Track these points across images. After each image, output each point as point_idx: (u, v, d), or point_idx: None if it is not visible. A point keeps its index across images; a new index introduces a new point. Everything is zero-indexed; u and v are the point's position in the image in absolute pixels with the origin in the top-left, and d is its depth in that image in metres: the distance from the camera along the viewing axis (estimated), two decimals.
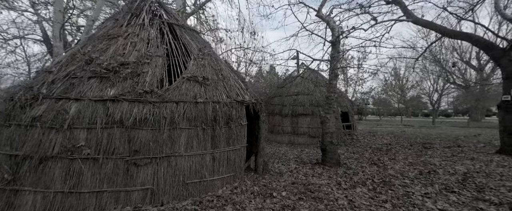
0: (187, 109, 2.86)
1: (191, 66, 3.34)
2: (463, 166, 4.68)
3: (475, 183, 3.59)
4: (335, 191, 3.17)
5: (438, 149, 6.95)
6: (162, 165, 2.68)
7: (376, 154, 6.19)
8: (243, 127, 3.45)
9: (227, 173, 3.26)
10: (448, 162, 5.04)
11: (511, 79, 5.67)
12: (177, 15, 4.17)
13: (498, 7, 6.26)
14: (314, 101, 8.58)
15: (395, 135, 10.49)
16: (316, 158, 5.17)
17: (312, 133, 8.29)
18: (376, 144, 8.02)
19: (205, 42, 4.23)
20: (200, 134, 2.95)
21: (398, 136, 9.94)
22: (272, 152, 6.53)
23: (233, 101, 3.32)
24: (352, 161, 5.22)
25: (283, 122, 9.05)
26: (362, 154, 6.18)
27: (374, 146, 7.53)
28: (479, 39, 6.29)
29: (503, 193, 3.12)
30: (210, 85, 3.25)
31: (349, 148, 7.28)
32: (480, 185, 3.49)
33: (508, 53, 5.67)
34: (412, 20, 6.82)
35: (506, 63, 5.77)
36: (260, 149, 4.01)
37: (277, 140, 9.09)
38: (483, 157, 5.43)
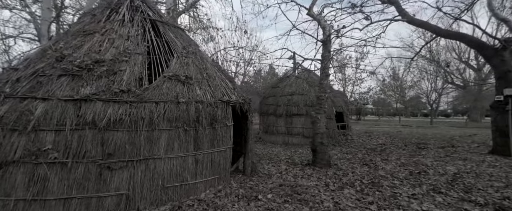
0: (167, 109, 2.79)
1: (173, 65, 3.28)
2: (454, 166, 4.74)
3: (463, 183, 3.63)
4: (322, 193, 3.17)
5: (432, 149, 7.02)
6: (139, 169, 2.61)
7: (370, 154, 6.22)
8: (228, 127, 3.41)
9: (211, 176, 3.22)
10: (440, 163, 5.09)
11: (504, 79, 5.74)
12: (161, 11, 4.07)
13: (491, 7, 6.34)
14: (309, 101, 8.60)
15: (391, 135, 10.57)
16: (308, 159, 5.18)
17: (306, 133, 8.31)
18: (371, 145, 8.07)
19: (190, 40, 4.17)
20: (182, 136, 2.89)
21: (393, 136, 10.02)
22: (265, 153, 6.53)
23: (218, 101, 3.27)
24: (344, 162, 5.25)
25: (277, 122, 9.06)
26: (355, 154, 6.21)
27: (369, 147, 7.58)
28: (472, 39, 6.38)
29: (490, 194, 3.16)
30: (193, 84, 3.19)
31: (343, 148, 7.32)
32: (468, 185, 3.53)
33: (500, 53, 5.75)
34: (406, 20, 6.89)
35: (498, 63, 5.85)
36: (248, 150, 4.00)
37: (271, 141, 9.10)
38: (476, 158, 5.50)
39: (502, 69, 5.79)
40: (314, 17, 5.25)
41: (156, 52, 3.37)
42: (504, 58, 5.75)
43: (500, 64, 5.82)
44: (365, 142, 8.59)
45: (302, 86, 9.13)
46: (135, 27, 3.42)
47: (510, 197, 3.00)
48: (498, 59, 5.84)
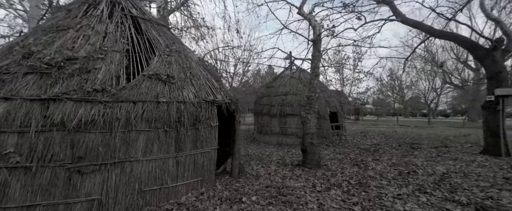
0: (146, 109, 2.73)
1: (154, 63, 3.22)
2: (444, 166, 4.81)
3: (450, 183, 3.69)
4: (308, 195, 3.19)
5: (425, 149, 7.11)
6: (114, 172, 2.54)
7: (362, 154, 6.28)
8: (213, 128, 3.38)
9: (193, 178, 3.18)
10: (431, 163, 5.16)
11: (495, 79, 5.83)
12: (146, 8, 4.01)
13: (484, 7, 6.44)
14: (303, 101, 8.64)
15: (386, 135, 10.67)
16: (298, 160, 5.21)
17: (300, 133, 8.27)
18: (365, 145, 8.14)
19: (175, 38, 4.12)
20: (162, 137, 2.85)
21: (388, 137, 10.12)
22: (258, 154, 6.55)
23: (201, 101, 3.24)
24: (335, 162, 5.29)
25: (271, 123, 9.10)
26: (347, 154, 6.27)
27: (362, 147, 7.65)
28: (464, 40, 6.47)
29: (474, 194, 3.22)
30: (175, 83, 3.14)
31: (336, 148, 7.37)
32: (454, 185, 3.60)
33: (492, 53, 5.85)
34: (400, 19, 6.98)
35: (489, 63, 5.94)
36: (236, 151, 3.99)
37: (265, 141, 9.13)
38: (467, 157, 5.58)
39: (494, 70, 5.89)
40: (305, 16, 5.28)
41: (136, 50, 3.30)
42: (495, 59, 5.85)
43: (491, 65, 5.92)
44: (359, 142, 8.66)
45: (296, 86, 9.17)
46: (114, 23, 3.34)
47: (493, 196, 3.06)
48: (489, 60, 5.93)
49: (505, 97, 5.66)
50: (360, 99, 30.91)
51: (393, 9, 7.15)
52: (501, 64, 5.94)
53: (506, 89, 5.61)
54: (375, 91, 28.71)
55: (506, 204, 2.81)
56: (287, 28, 5.46)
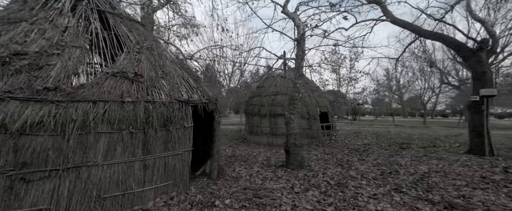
0: (109, 109, 2.62)
1: (121, 60, 3.11)
2: (427, 166, 4.93)
3: (428, 182, 3.80)
4: (284, 196, 3.21)
5: (413, 149, 7.28)
6: (67, 179, 2.38)
7: (350, 155, 6.39)
8: (187, 129, 3.32)
9: (164, 182, 3.11)
10: (415, 162, 5.29)
11: (480, 80, 6.00)
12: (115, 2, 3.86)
13: (469, 8, 6.61)
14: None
15: (378, 135, 10.84)
16: (282, 161, 5.28)
17: None
18: (355, 145, 8.27)
19: (149, 35, 4.01)
20: (126, 139, 2.73)
21: (381, 137, 10.28)
22: (245, 154, 6.59)
23: (174, 100, 3.16)
24: (320, 163, 5.37)
25: (261, 123, 9.15)
26: (334, 155, 6.36)
27: (352, 147, 7.76)
28: (450, 40, 6.65)
29: (448, 192, 3.33)
30: (144, 82, 3.04)
31: (326, 149, 7.47)
32: (431, 184, 3.71)
33: (477, 54, 6.01)
34: (390, 20, 7.14)
35: (474, 64, 6.12)
36: (215, 152, 3.96)
37: (255, 141, 9.18)
38: (451, 157, 5.73)
39: (479, 70, 6.06)
40: (289, 15, 5.35)
41: (102, 46, 3.18)
42: (480, 59, 6.02)
43: (476, 65, 6.09)
44: (350, 143, 8.79)
45: (286, 85, 9.24)
46: (77, 17, 3.20)
47: (465, 195, 3.18)
48: (475, 60, 6.11)
49: (489, 97, 5.83)
50: (357, 99, 31.31)
51: (383, 10, 7.32)
52: (486, 64, 6.12)
53: (490, 90, 5.78)
54: (371, 91, 29.05)
55: (475, 202, 2.92)
56: (270, 27, 5.52)
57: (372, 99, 33.71)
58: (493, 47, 6.15)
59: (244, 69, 19.77)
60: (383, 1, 7.19)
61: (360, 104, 32.99)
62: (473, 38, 6.69)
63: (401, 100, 27.84)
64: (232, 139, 10.23)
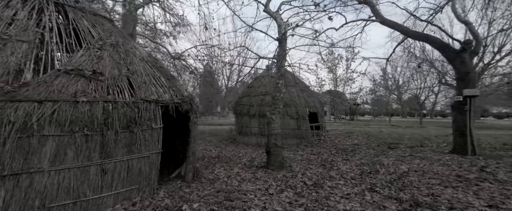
0: (58, 110, 2.46)
1: (78, 57, 2.98)
2: (408, 165, 5.08)
3: (404, 181, 3.94)
4: (257, 198, 3.27)
5: (400, 149, 7.45)
6: (2, 188, 2.19)
7: (336, 155, 6.53)
8: (155, 130, 3.28)
9: (127, 187, 3.01)
10: (398, 162, 5.43)
11: (463, 80, 6.18)
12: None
13: (454, 9, 6.81)
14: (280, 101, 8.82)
15: (370, 135, 10.99)
16: (264, 161, 5.37)
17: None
18: (345, 145, 8.42)
19: (116, 31, 3.90)
20: (80, 142, 2.61)
21: (372, 137, 10.44)
22: (230, 155, 6.66)
23: (139, 100, 3.08)
24: (303, 163, 5.48)
25: (250, 123, 9.24)
26: (320, 155, 6.49)
27: (341, 147, 7.90)
28: (434, 40, 6.83)
29: (420, 191, 3.49)
30: (105, 81, 2.94)
31: (314, 149, 7.59)
32: (407, 183, 3.85)
33: (460, 54, 6.19)
34: (379, 20, 7.33)
35: (458, 64, 6.30)
36: (190, 154, 3.98)
37: (245, 142, 9.26)
38: (435, 157, 5.90)
39: (463, 70, 6.25)
40: (271, 14, 5.46)
41: (56, 41, 3.01)
42: (464, 60, 6.20)
43: (460, 66, 6.28)
44: (340, 143, 8.93)
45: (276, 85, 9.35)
46: (28, 9, 3.00)
47: (435, 193, 3.32)
48: (458, 61, 6.29)
49: (472, 97, 6.01)
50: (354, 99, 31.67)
51: (373, 10, 7.52)
52: (470, 65, 6.31)
53: (473, 90, 5.97)
54: (368, 91, 29.39)
55: (442, 200, 3.06)
56: (252, 27, 5.61)
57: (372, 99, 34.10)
58: (476, 48, 6.34)
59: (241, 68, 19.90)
60: (373, 2, 7.37)
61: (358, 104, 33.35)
62: (456, 39, 6.88)
63: (400, 100, 28.23)
64: (222, 139, 10.31)
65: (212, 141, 9.70)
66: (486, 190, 3.38)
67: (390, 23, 7.39)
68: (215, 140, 10.07)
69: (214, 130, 14.30)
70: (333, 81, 29.97)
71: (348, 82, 28.93)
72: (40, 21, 3.07)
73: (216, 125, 18.90)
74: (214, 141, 9.67)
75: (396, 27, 7.49)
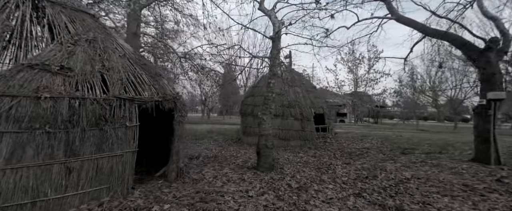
0: (15, 106, 2.44)
1: (47, 52, 2.98)
2: (414, 172, 4.84)
3: (399, 188, 3.79)
4: (233, 201, 3.26)
5: (415, 154, 7.01)
6: None
7: (339, 158, 6.39)
8: (130, 129, 3.26)
9: (95, 186, 2.98)
10: (404, 168, 5.18)
11: (488, 82, 5.66)
12: None
13: (481, 3, 6.27)
14: (286, 102, 8.80)
15: (386, 139, 10.43)
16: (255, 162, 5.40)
17: (282, 135, 8.53)
18: (353, 148, 8.13)
19: (99, 27, 3.94)
20: (41, 139, 2.58)
21: (387, 141, 9.91)
22: (228, 155, 6.76)
23: (111, 97, 3.05)
24: (298, 165, 5.43)
25: (254, 123, 9.29)
26: (321, 158, 6.37)
27: (348, 150, 7.64)
28: (455, 38, 6.36)
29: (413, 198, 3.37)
30: (75, 77, 2.92)
31: (317, 151, 7.45)
32: (401, 190, 3.71)
33: (485, 54, 5.67)
34: (395, 18, 7.04)
35: (483, 64, 5.80)
36: (174, 153, 4.05)
37: (248, 142, 9.36)
38: (450, 164, 5.52)
39: (488, 71, 5.72)
40: (265, 12, 5.50)
41: (26, 36, 3.04)
42: (489, 60, 5.70)
43: (485, 66, 5.75)
44: (348, 146, 8.63)
45: (281, 85, 9.32)
46: (2, 3, 3.08)
47: (427, 202, 3.16)
48: (483, 61, 5.78)
49: (497, 101, 5.47)
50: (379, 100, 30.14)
51: (388, 7, 7.27)
52: (496, 65, 5.75)
53: (498, 93, 5.46)
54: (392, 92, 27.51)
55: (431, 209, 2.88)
56: (245, 26, 5.68)
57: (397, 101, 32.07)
58: (505, 46, 5.74)
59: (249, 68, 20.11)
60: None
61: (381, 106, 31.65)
62: (481, 37, 6.29)
63: (436, 103, 26.14)
64: (228, 139, 10.46)
65: (218, 141, 9.91)
66: (490, 201, 3.10)
67: (406, 21, 7.02)
68: (221, 139, 10.27)
69: (223, 129, 14.57)
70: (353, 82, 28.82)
71: (370, 83, 27.58)
72: (11, 16, 3.10)
73: (229, 125, 19.20)
74: (220, 141, 9.88)
75: (413, 24, 7.07)
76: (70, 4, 3.77)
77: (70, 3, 3.80)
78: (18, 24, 3.11)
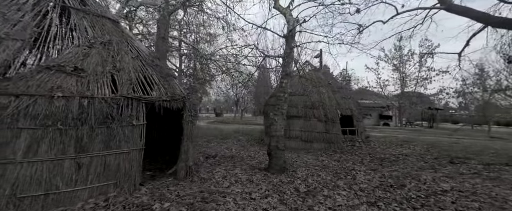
0: (32, 104, 2.71)
1: (65, 54, 3.31)
2: (457, 183, 4.17)
3: (427, 200, 3.31)
4: (233, 202, 3.27)
5: (469, 164, 5.95)
6: None
7: (367, 164, 5.85)
8: (136, 127, 3.47)
9: (103, 182, 3.19)
10: (444, 178, 4.53)
11: None
12: None
13: None
14: (309, 103, 8.48)
15: (433, 146, 9.09)
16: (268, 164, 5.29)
17: (305, 137, 8.23)
18: (387, 154, 7.31)
19: (118, 31, 4.30)
20: (54, 136, 2.83)
21: (434, 147, 8.64)
22: (246, 156, 6.75)
23: (119, 97, 3.27)
24: (315, 169, 5.16)
25: None
26: (344, 162, 5.96)
27: (381, 156, 6.94)
28: None
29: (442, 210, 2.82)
30: (87, 77, 3.19)
31: (342, 155, 6.96)
32: (430, 203, 3.26)
33: None
34: (445, 7, 6.23)
35: None
36: (183, 152, 4.23)
37: None
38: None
39: None
40: (280, 10, 5.43)
41: (49, 40, 3.40)
42: None
43: None
44: (383, 151, 7.81)
45: (305, 86, 9.03)
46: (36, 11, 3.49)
47: None
48: None
49: None
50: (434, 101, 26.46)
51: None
52: None
53: None
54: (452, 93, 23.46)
55: None
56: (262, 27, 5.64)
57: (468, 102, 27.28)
58: None
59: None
60: None
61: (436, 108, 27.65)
62: None
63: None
64: (252, 139, 10.53)
65: (242, 141, 10.03)
66: None
67: (459, 9, 6.06)
68: (245, 139, 10.39)
69: (250, 129, 14.77)
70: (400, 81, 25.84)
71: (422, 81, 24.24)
72: (40, 22, 3.50)
73: (258, 125, 19.37)
74: (243, 141, 9.98)
75: (468, 13, 6.02)
76: (93, 11, 4.23)
77: (93, 9, 4.28)
78: (44, 29, 3.50)
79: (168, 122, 6.05)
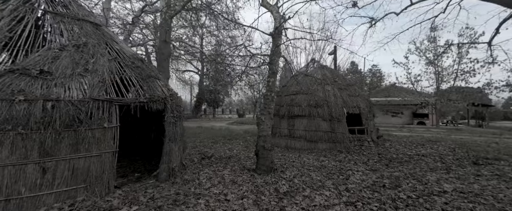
0: None
1: (33, 57, 3.39)
2: (465, 185, 3.91)
3: (419, 201, 3.15)
4: (204, 204, 3.31)
5: (495, 165, 5.45)
6: None
7: (375, 164, 5.72)
8: (108, 130, 3.52)
9: (71, 186, 3.21)
10: (454, 180, 4.25)
11: None
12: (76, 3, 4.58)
13: None
14: (313, 102, 8.30)
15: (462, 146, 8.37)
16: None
17: (309, 137, 8.05)
18: (400, 154, 6.90)
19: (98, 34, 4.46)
20: (15, 141, 2.87)
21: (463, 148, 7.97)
22: (243, 157, 6.79)
23: (88, 99, 3.31)
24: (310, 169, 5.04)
25: (280, 124, 9.19)
26: (344, 163, 5.75)
27: (391, 156, 6.61)
28: None
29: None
30: (53, 80, 3.24)
31: (348, 156, 6.77)
32: (420, 203, 3.10)
33: None
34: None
35: None
36: (164, 153, 4.31)
37: (275, 143, 9.23)
38: None
39: None
40: (267, 7, 5.43)
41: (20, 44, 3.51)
42: None
43: None
44: (396, 151, 7.36)
45: (309, 84, 8.88)
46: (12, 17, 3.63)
47: None
48: None
49: None
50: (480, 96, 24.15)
51: None
52: None
53: None
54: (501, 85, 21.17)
55: None
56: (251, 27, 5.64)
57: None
58: None
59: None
60: None
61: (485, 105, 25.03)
62: None
63: None
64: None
65: (248, 141, 10.01)
66: None
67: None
68: (252, 139, 10.38)
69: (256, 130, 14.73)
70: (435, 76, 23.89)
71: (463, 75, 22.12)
72: (14, 27, 3.65)
73: None
74: (250, 141, 9.98)
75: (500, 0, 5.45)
76: (72, 14, 4.44)
77: (74, 13, 4.50)
78: (17, 33, 3.62)
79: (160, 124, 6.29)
